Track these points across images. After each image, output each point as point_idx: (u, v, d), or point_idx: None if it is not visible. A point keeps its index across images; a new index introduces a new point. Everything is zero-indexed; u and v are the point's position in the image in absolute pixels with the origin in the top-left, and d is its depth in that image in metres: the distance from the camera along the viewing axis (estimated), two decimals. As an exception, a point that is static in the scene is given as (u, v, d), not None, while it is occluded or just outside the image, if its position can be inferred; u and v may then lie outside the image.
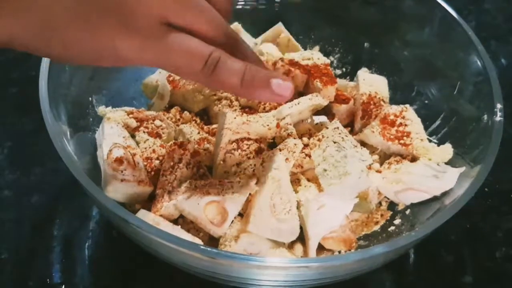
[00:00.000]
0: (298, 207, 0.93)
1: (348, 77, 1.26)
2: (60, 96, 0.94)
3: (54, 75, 0.91)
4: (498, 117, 0.94)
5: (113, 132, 0.97)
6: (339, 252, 0.93)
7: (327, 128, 1.02)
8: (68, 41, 0.67)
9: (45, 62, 0.91)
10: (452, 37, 1.10)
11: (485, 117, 0.96)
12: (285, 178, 0.92)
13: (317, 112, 1.09)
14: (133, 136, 1.00)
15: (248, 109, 1.09)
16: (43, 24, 0.66)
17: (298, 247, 0.93)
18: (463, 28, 1.06)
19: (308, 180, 0.99)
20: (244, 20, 1.24)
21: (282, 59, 1.11)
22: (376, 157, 1.04)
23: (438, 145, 1.03)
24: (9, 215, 1.05)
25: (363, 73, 1.18)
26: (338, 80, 1.14)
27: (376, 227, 1.00)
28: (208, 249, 0.75)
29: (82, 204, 1.07)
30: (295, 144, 0.97)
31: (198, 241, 0.88)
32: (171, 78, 1.10)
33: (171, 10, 0.69)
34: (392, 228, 0.99)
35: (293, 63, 1.11)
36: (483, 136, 0.94)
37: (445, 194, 0.94)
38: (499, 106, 0.95)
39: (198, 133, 1.04)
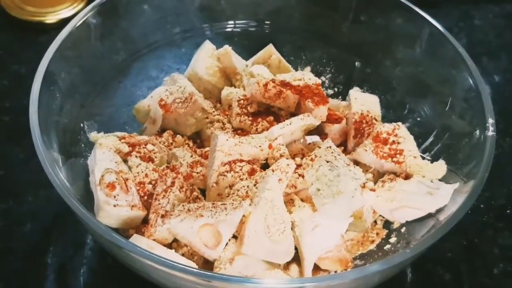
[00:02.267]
0: (292, 228, 0.92)
1: (340, 97, 1.27)
2: (51, 123, 0.94)
3: (44, 103, 0.91)
4: (490, 132, 0.94)
5: (105, 158, 0.96)
6: (335, 272, 0.93)
7: (320, 147, 1.02)
8: None
9: (35, 90, 0.91)
10: (442, 54, 1.10)
11: (477, 132, 0.96)
12: (279, 199, 0.92)
13: (310, 132, 1.08)
14: (125, 161, 1.00)
15: (241, 131, 1.09)
16: None
17: (294, 268, 0.93)
18: (453, 45, 1.07)
19: (302, 200, 0.98)
20: (235, 43, 1.24)
21: (273, 80, 1.10)
22: (370, 175, 1.04)
23: (432, 162, 1.03)
24: (1, 245, 1.04)
25: (355, 92, 1.18)
26: (330, 99, 1.15)
27: (372, 246, 0.99)
28: (203, 272, 0.75)
29: (77, 231, 1.06)
30: (287, 165, 0.97)
31: (192, 264, 0.87)
32: (162, 102, 1.09)
33: None
34: (388, 246, 0.98)
35: (284, 83, 1.11)
36: (476, 151, 0.94)
37: (439, 210, 0.94)
38: (491, 121, 0.95)
39: (191, 156, 1.03)
